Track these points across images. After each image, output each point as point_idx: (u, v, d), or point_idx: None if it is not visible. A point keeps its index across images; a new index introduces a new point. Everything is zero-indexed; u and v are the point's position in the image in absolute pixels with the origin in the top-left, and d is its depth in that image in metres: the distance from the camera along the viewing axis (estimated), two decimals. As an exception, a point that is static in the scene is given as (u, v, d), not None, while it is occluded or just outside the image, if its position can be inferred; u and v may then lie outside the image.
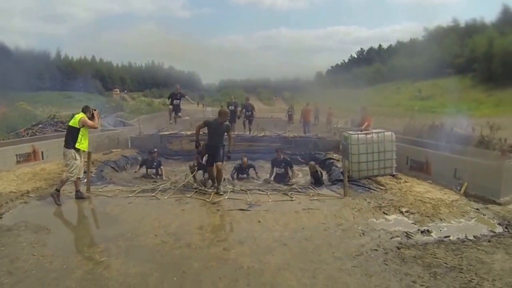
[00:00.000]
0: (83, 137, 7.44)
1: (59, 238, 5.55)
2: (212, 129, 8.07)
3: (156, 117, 25.37)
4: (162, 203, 7.22)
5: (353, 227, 5.95)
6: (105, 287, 4.07)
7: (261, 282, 4.20)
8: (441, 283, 4.19)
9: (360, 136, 9.29)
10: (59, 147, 10.13)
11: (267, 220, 6.27)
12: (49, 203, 7.15)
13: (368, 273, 4.43)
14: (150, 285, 4.11)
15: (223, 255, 4.95)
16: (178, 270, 4.46)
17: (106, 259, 4.74)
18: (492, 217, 6.64)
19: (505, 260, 4.83)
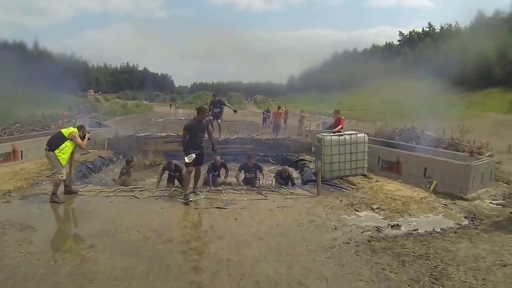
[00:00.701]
0: (66, 148, 7.59)
1: (44, 236, 5.76)
2: (194, 130, 7.84)
3: (131, 118, 25.42)
4: (142, 202, 7.49)
5: (325, 223, 6.36)
6: (94, 280, 4.32)
7: (241, 272, 4.55)
8: (409, 269, 4.62)
9: (333, 137, 9.72)
10: (38, 147, 10.58)
11: (243, 217, 6.63)
12: (31, 202, 7.36)
13: (340, 263, 4.83)
14: (137, 278, 4.39)
15: (203, 249, 5.31)
16: (162, 263, 4.78)
17: (93, 255, 5.00)
18: (459, 212, 7.21)
19: (469, 248, 5.33)
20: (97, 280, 4.33)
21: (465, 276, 4.46)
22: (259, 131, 19.45)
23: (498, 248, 5.37)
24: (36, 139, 11.88)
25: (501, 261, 4.91)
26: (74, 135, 7.61)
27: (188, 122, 8.06)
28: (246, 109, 56.23)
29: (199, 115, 7.93)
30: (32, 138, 12.14)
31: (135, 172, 11.32)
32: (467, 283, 4.30)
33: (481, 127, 21.73)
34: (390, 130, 15.42)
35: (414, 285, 4.23)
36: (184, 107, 45.46)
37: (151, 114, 36.92)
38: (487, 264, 4.83)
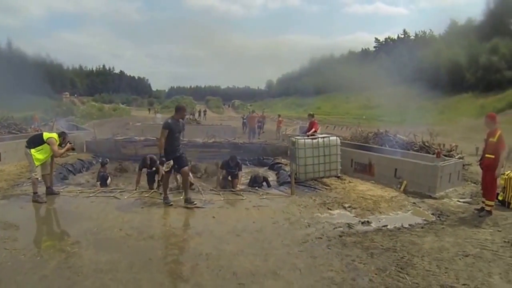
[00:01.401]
0: (42, 150, 7.78)
1: (29, 234, 5.96)
2: (173, 130, 7.45)
3: (108, 122, 25.45)
4: (122, 202, 7.72)
5: (299, 220, 6.70)
6: (80, 273, 4.53)
7: (219, 265, 4.83)
8: (377, 261, 4.98)
9: (307, 140, 10.10)
10: (16, 149, 10.97)
11: (221, 215, 6.95)
12: (13, 202, 7.61)
13: (313, 256, 5.17)
14: (120, 270, 4.63)
15: (183, 245, 5.60)
16: (144, 257, 5.03)
17: (77, 250, 5.21)
18: (427, 209, 7.68)
19: (434, 241, 5.74)
20: (83, 273, 4.54)
21: (429, 266, 4.84)
22: (236, 135, 19.82)
23: (461, 240, 5.79)
24: (14, 142, 12.06)
25: (463, 252, 5.32)
26: (51, 141, 7.75)
27: (166, 120, 7.64)
28: (224, 113, 56.54)
29: (177, 114, 7.66)
30: (10, 141, 12.26)
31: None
32: (430, 271, 4.67)
33: (454, 131, 22.57)
34: (364, 134, 15.92)
35: (381, 273, 4.58)
36: (162, 112, 45.54)
37: (128, 118, 36.81)
38: (450, 255, 5.23)
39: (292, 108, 54.92)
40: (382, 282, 4.35)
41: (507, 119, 25.79)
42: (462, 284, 4.35)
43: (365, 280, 4.44)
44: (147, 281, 4.42)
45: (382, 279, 4.43)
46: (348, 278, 4.47)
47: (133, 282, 4.39)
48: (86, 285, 4.29)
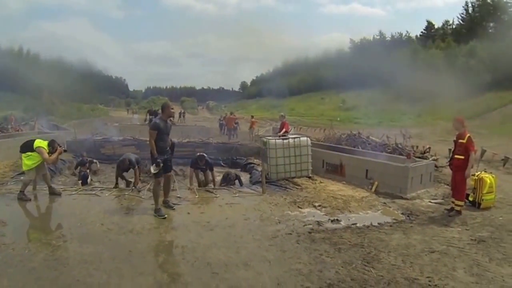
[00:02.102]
0: (31, 157, 8.08)
1: (16, 229, 6.21)
2: (162, 130, 7.16)
3: (87, 122, 25.38)
4: (103, 200, 8.01)
5: (270, 217, 6.99)
6: (67, 264, 4.85)
7: (194, 256, 5.18)
8: (344, 255, 5.28)
9: (278, 141, 10.39)
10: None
11: (195, 212, 7.28)
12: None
13: (282, 249, 5.48)
14: (104, 261, 4.97)
15: (160, 238, 5.98)
16: (125, 250, 5.39)
17: (62, 244, 5.55)
18: (397, 209, 8.01)
19: (401, 239, 6.06)
20: (69, 264, 4.86)
21: (394, 260, 5.15)
22: (210, 135, 20.08)
23: (428, 238, 6.13)
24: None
25: (430, 249, 5.65)
26: (40, 150, 8.03)
27: (155, 121, 7.34)
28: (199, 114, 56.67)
29: (164, 113, 7.39)
30: None
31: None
32: (396, 265, 4.98)
33: (431, 134, 23.22)
34: (337, 135, 16.32)
35: (347, 266, 4.88)
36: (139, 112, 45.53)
37: (106, 118, 36.70)
38: (416, 251, 5.56)
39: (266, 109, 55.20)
40: (347, 274, 4.65)
41: (483, 123, 26.74)
42: (426, 277, 4.66)
43: (331, 272, 4.73)
44: (129, 271, 4.74)
45: (348, 272, 4.73)
46: (315, 270, 4.76)
47: (116, 271, 4.71)
48: (73, 275, 4.57)
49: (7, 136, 13.95)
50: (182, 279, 4.57)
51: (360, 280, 4.52)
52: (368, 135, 15.12)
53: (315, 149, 11.28)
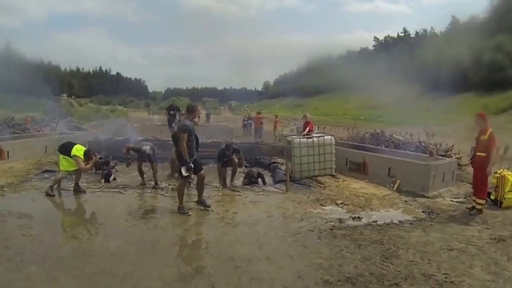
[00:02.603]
0: (68, 161, 8.52)
1: (43, 223, 6.58)
2: (191, 131, 7.17)
3: (106, 123, 25.99)
4: (126, 197, 8.36)
5: (293, 215, 7.19)
6: (93, 256, 5.16)
7: (218, 251, 5.42)
8: (364, 251, 5.45)
9: (302, 140, 10.56)
10: (23, 147, 12.01)
11: (219, 209, 7.50)
12: (25, 196, 8.31)
13: (304, 245, 5.69)
14: (129, 254, 5.26)
15: (184, 234, 6.26)
16: (149, 244, 5.67)
17: (88, 237, 5.89)
18: (418, 207, 8.08)
19: (421, 236, 6.18)
20: (95, 255, 5.18)
21: (413, 257, 5.29)
22: (233, 135, 20.30)
23: (448, 236, 6.22)
24: (20, 141, 12.88)
25: (448, 246, 5.75)
26: (77, 160, 8.44)
27: (184, 122, 7.22)
28: (221, 114, 57.07)
29: (190, 114, 7.49)
30: (16, 140, 12.96)
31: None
32: (413, 262, 5.13)
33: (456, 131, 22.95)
34: (361, 134, 16.36)
35: (366, 261, 5.05)
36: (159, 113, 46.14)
37: (126, 119, 37.40)
38: (435, 248, 5.67)
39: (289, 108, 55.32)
40: (366, 269, 4.82)
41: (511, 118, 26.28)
42: (442, 274, 4.77)
43: (350, 266, 4.91)
44: (153, 263, 5.00)
45: (367, 266, 4.90)
46: (335, 264, 4.95)
47: (140, 263, 4.99)
48: (99, 265, 4.86)
49: (30, 136, 14.56)
50: (205, 272, 4.80)
51: (378, 274, 4.69)
52: (391, 133, 15.14)
53: (339, 148, 11.39)
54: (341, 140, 15.38)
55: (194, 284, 4.45)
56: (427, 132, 13.99)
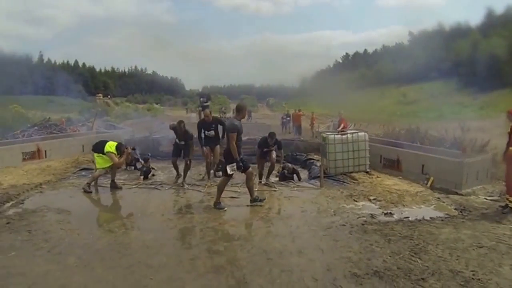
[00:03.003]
0: (103, 158, 8.97)
1: (80, 218, 6.96)
2: (239, 130, 7.39)
3: (143, 122, 26.62)
4: (162, 193, 8.75)
5: (326, 210, 7.37)
6: (129, 248, 5.49)
7: (251, 244, 5.64)
8: (393, 246, 5.56)
9: (337, 136, 10.67)
10: (60, 147, 12.49)
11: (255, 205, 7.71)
12: (62, 193, 8.79)
13: (335, 239, 5.85)
14: (164, 247, 5.55)
15: (219, 228, 6.46)
16: (184, 237, 6.04)
17: (125, 231, 6.22)
18: (450, 204, 8.06)
19: (451, 233, 6.21)
20: (131, 248, 5.48)
21: (441, 253, 5.35)
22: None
23: (478, 233, 6.21)
24: (57, 140, 13.52)
25: (478, 243, 5.76)
26: (110, 156, 8.89)
27: (233, 122, 7.43)
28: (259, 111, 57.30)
29: (239, 114, 7.60)
30: (53, 139, 13.58)
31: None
32: (442, 257, 5.19)
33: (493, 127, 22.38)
34: (396, 130, 16.29)
35: (395, 256, 5.17)
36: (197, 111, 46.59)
37: (163, 117, 38.14)
38: (464, 245, 5.69)
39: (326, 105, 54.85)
40: (394, 263, 4.94)
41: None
42: (470, 271, 4.80)
43: (379, 260, 5.04)
44: (187, 255, 5.26)
45: (395, 261, 5.02)
46: (364, 258, 5.10)
47: (175, 255, 5.26)
48: (134, 257, 5.14)
49: (67, 135, 15.17)
50: (238, 263, 5.01)
51: (405, 269, 4.80)
52: (427, 129, 14.99)
53: (373, 144, 11.44)
54: (376, 136, 15.39)
55: (226, 276, 4.65)
56: (462, 127, 13.78)
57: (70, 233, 6.05)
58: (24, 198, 8.14)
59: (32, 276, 4.61)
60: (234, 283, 4.46)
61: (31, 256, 5.23)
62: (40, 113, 23.36)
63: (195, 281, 4.52)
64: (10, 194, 8.30)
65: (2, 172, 10.45)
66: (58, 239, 5.77)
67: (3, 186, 9.06)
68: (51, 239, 5.80)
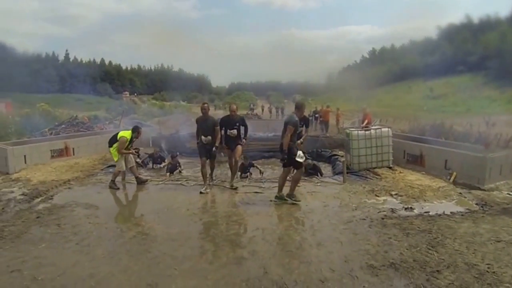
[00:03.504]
0: (117, 148, 9.18)
1: (108, 212, 7.29)
2: (298, 127, 7.65)
3: (170, 119, 27.02)
4: (188, 188, 8.95)
5: (348, 204, 7.49)
6: (155, 241, 5.74)
7: (273, 237, 5.85)
8: (411, 239, 5.66)
9: (360, 132, 10.78)
10: (87, 144, 12.78)
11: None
12: (90, 188, 9.07)
13: (354, 233, 5.99)
14: (188, 239, 5.79)
15: (242, 221, 6.70)
16: (209, 230, 6.23)
17: (151, 225, 6.45)
18: (472, 199, 8.05)
19: (470, 227, 6.25)
20: (157, 241, 5.74)
21: (459, 246, 5.43)
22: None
23: (497, 228, 6.24)
24: (85, 138, 13.88)
25: (497, 238, 5.80)
26: (121, 140, 9.13)
27: (293, 118, 7.49)
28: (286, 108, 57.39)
29: (298, 111, 7.70)
30: (81, 137, 13.96)
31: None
32: (458, 251, 5.28)
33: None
34: (422, 126, 16.22)
35: (412, 249, 5.28)
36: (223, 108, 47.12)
37: (190, 115, 38.58)
38: (482, 239, 5.75)
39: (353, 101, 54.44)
40: (411, 256, 5.06)
41: None
42: (486, 264, 4.89)
43: (396, 253, 5.17)
44: (211, 247, 5.51)
45: (412, 254, 5.13)
46: (381, 251, 5.24)
47: (199, 247, 5.54)
48: (160, 249, 5.40)
49: (94, 133, 15.54)
50: (259, 255, 5.19)
51: (421, 261, 4.91)
52: (452, 124, 14.89)
53: (396, 140, 11.49)
54: (402, 132, 15.35)
55: (247, 266, 4.86)
56: (487, 122, 13.64)
57: (98, 226, 6.36)
58: (53, 193, 8.46)
59: (62, 266, 4.89)
60: (254, 274, 4.66)
61: (60, 248, 5.52)
62: (67, 111, 24.03)
63: (217, 271, 4.74)
64: (39, 190, 8.64)
65: (31, 169, 10.83)
66: (86, 232, 6.08)
67: (33, 182, 9.40)
68: (80, 232, 6.11)
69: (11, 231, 6.10)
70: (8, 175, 10.26)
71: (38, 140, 13.62)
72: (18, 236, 5.93)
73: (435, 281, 4.46)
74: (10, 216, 6.93)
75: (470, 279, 4.49)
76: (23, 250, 5.42)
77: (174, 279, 4.55)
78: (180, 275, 4.65)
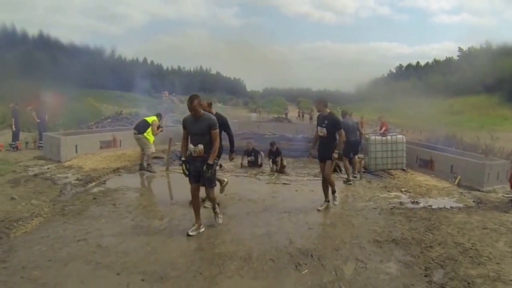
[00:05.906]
0: (150, 132, 9.77)
1: (156, 195, 7.98)
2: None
3: None
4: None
5: (362, 197, 8.13)
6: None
7: (297, 218, 6.50)
8: (413, 224, 6.29)
9: (377, 137, 11.41)
10: (132, 138, 12.32)
11: (303, 190, 8.60)
12: (138, 176, 9.56)
13: (365, 217, 6.66)
14: (232, 218, 6.39)
15: (273, 206, 7.26)
16: (245, 212, 6.80)
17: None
18: (470, 198, 8.54)
19: (463, 218, 6.80)
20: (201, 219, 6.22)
21: (451, 231, 6.02)
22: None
23: (486, 219, 6.77)
24: (131, 131, 13.90)
25: (484, 226, 6.35)
26: (155, 123, 9.77)
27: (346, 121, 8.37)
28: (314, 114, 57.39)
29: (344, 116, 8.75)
30: (126, 130, 13.85)
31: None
32: (450, 234, 5.87)
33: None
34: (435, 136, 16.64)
35: (411, 231, 5.92)
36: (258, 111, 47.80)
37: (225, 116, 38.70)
38: (471, 226, 6.31)
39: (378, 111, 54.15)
40: (410, 235, 5.71)
41: None
42: (471, 243, 5.47)
43: (398, 233, 5.83)
44: (247, 224, 6.17)
45: (411, 234, 5.78)
46: (387, 231, 5.90)
47: (237, 224, 6.14)
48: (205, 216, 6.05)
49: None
50: (284, 231, 5.82)
51: (418, 239, 5.54)
52: (461, 136, 15.26)
53: (411, 147, 12.09)
54: (419, 141, 15.80)
55: (275, 239, 5.48)
56: (491, 136, 13.98)
57: (148, 207, 6.84)
58: (105, 179, 8.84)
59: (121, 237, 5.33)
60: (282, 243, 5.31)
61: (118, 223, 5.90)
62: (112, 106, 24.60)
63: (252, 241, 5.39)
64: (92, 176, 8.93)
65: (82, 158, 11.03)
66: (139, 211, 6.58)
67: (85, 169, 9.63)
68: (134, 210, 6.57)
69: (71, 210, 6.45)
70: (60, 163, 10.46)
71: (88, 131, 14.02)
72: (79, 213, 6.27)
73: (427, 253, 5.07)
74: (69, 197, 7.28)
75: (456, 253, 5.09)
76: (86, 224, 5.76)
77: (217, 246, 5.17)
78: (224, 246, 5.20)
